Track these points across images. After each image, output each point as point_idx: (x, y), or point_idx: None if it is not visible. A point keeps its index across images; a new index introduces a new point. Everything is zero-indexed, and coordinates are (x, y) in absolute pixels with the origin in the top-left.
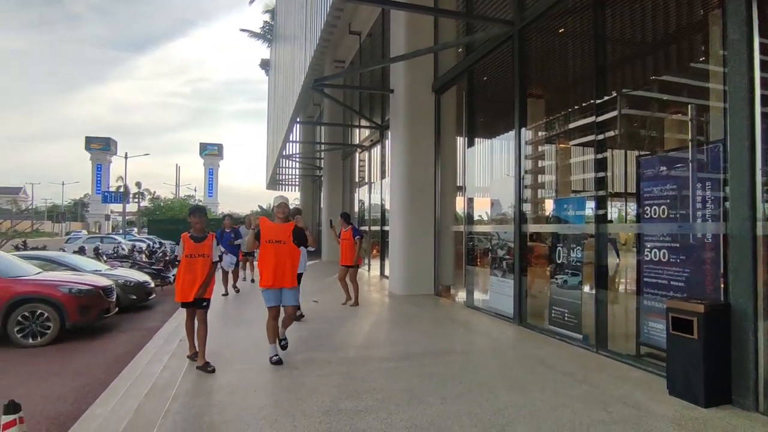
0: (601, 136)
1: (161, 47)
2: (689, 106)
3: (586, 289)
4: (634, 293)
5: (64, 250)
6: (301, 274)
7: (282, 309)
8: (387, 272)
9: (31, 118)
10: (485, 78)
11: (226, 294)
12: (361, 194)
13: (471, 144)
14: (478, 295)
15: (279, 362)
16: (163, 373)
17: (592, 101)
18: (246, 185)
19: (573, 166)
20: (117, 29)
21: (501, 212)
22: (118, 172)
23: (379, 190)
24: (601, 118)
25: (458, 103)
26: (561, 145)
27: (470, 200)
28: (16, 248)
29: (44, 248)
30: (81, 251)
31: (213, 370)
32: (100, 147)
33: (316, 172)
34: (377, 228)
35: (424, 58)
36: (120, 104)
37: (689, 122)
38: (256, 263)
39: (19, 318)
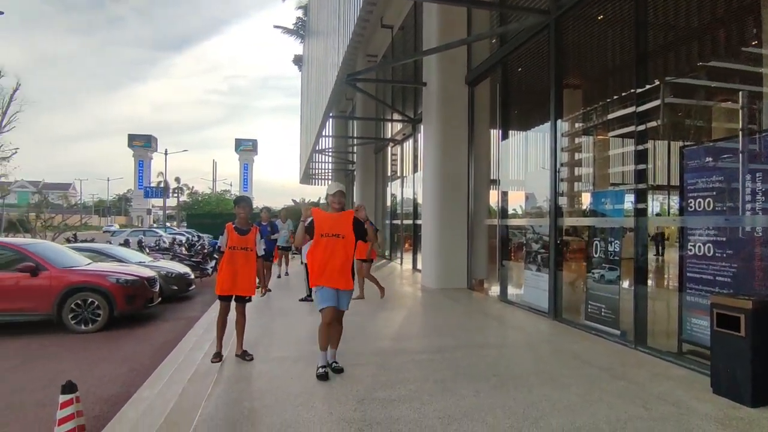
0: (642, 127)
1: (198, 46)
2: (740, 93)
3: (625, 284)
4: (676, 289)
5: (110, 243)
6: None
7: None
8: (419, 266)
9: (78, 118)
10: (519, 69)
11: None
12: (394, 188)
13: (505, 136)
14: (511, 289)
15: (325, 377)
16: (204, 360)
17: (632, 90)
18: (280, 180)
19: (611, 158)
20: (156, 30)
21: (536, 206)
22: (158, 168)
23: (411, 183)
24: (642, 108)
25: (492, 95)
26: (598, 137)
27: (504, 194)
28: (68, 240)
29: (92, 240)
30: (126, 244)
31: (251, 359)
32: (142, 144)
33: (349, 167)
34: (409, 222)
35: (457, 50)
36: (160, 102)
37: (740, 110)
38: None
39: (73, 306)
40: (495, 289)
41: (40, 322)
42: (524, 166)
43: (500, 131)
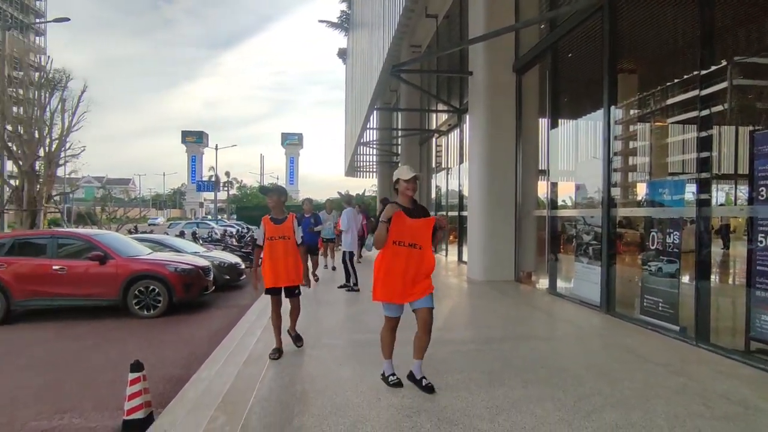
0: (706, 112)
1: (245, 43)
2: None
3: (685, 278)
4: (743, 284)
5: (167, 234)
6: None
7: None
8: (465, 258)
9: (136, 116)
10: (570, 54)
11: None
12: (438, 180)
13: (554, 125)
14: (561, 282)
15: (399, 384)
16: (257, 345)
17: (696, 73)
18: (325, 173)
19: (670, 146)
20: (206, 29)
21: (587, 196)
22: (209, 163)
23: (456, 175)
24: (706, 92)
25: (541, 83)
26: (656, 124)
27: (553, 184)
28: (129, 232)
29: (151, 232)
30: (181, 235)
31: (301, 345)
32: (194, 140)
33: (393, 159)
34: (454, 213)
35: (504, 37)
36: (210, 99)
37: None
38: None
39: (136, 292)
40: (543, 282)
41: (107, 307)
42: (575, 155)
43: (549, 120)
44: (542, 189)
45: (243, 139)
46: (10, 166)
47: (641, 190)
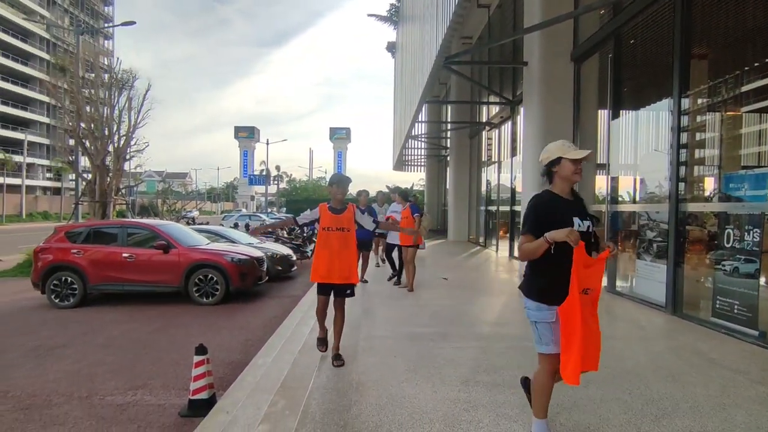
0: None
1: (295, 40)
2: None
3: (765, 279)
4: None
5: (222, 225)
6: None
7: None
8: (516, 253)
9: (193, 113)
10: (633, 41)
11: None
12: (489, 174)
13: (615, 116)
14: (620, 280)
15: None
16: (311, 334)
17: None
18: (372, 167)
19: (746, 136)
20: (258, 28)
21: (651, 191)
22: (261, 157)
23: (508, 168)
24: None
25: (601, 72)
26: (729, 113)
27: (613, 178)
28: (187, 224)
29: (207, 224)
30: (236, 227)
31: (341, 365)
32: (246, 135)
33: (442, 152)
34: (506, 208)
35: (562, 25)
36: (261, 95)
37: None
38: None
39: (196, 280)
40: None
41: (171, 294)
42: (637, 147)
43: (610, 111)
44: (601, 183)
45: (292, 134)
46: (84, 161)
47: (712, 185)
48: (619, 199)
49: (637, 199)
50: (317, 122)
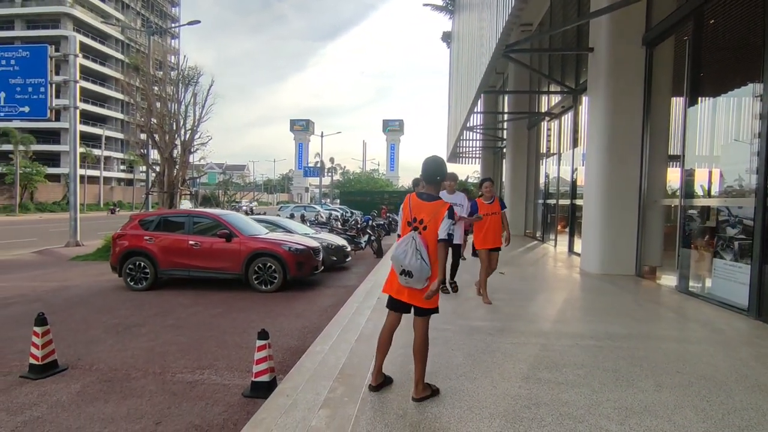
0: None
1: (349, 33)
2: None
3: None
4: None
5: (279, 216)
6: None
7: None
8: (576, 248)
9: (251, 107)
10: (713, 21)
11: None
12: (548, 166)
13: (692, 103)
14: (694, 280)
15: None
16: (367, 324)
17: None
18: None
19: None
20: (313, 22)
21: (731, 184)
22: (315, 149)
23: (569, 160)
24: None
25: (676, 56)
26: None
27: (689, 170)
28: (246, 213)
29: (264, 214)
30: (292, 217)
31: (427, 396)
32: (301, 128)
33: (498, 144)
34: (565, 202)
35: (633, 7)
36: (316, 88)
37: None
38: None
39: (255, 268)
40: (670, 278)
41: (232, 280)
42: (716, 137)
43: (686, 98)
44: (673, 175)
45: (346, 126)
46: (154, 154)
47: None
48: (696, 192)
49: (714, 193)
50: (370, 114)
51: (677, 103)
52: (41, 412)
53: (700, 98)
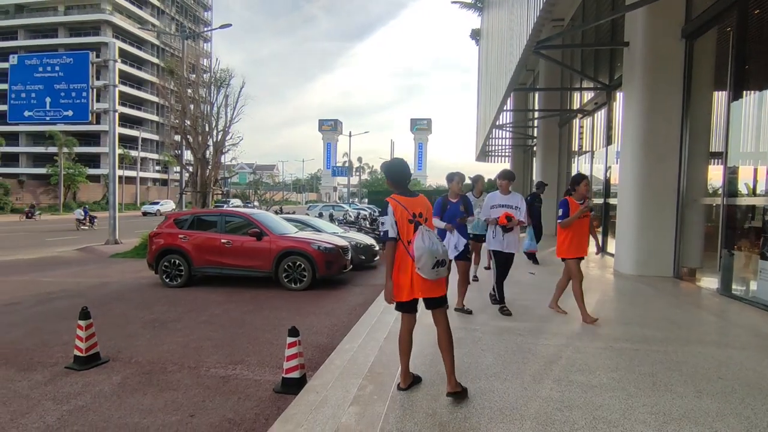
0: None
1: (377, 33)
2: None
3: None
4: None
5: (308, 215)
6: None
7: None
8: (610, 249)
9: (280, 108)
10: (757, 11)
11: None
12: (580, 164)
13: (736, 97)
14: (738, 283)
15: None
16: (395, 323)
17: None
18: (454, 158)
19: None
20: (341, 22)
21: None
22: (343, 149)
23: (602, 158)
24: None
25: (718, 49)
26: None
27: (732, 168)
28: (275, 213)
29: (293, 213)
30: (320, 216)
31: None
32: (329, 128)
33: (528, 142)
34: (599, 201)
35: None
36: (345, 88)
37: None
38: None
39: (285, 267)
40: (711, 281)
41: (262, 278)
42: (765, 133)
43: (729, 92)
44: (715, 173)
45: (374, 126)
46: (187, 155)
47: None
48: (740, 191)
49: (761, 191)
50: (398, 113)
51: (719, 97)
52: (85, 402)
53: (744, 92)
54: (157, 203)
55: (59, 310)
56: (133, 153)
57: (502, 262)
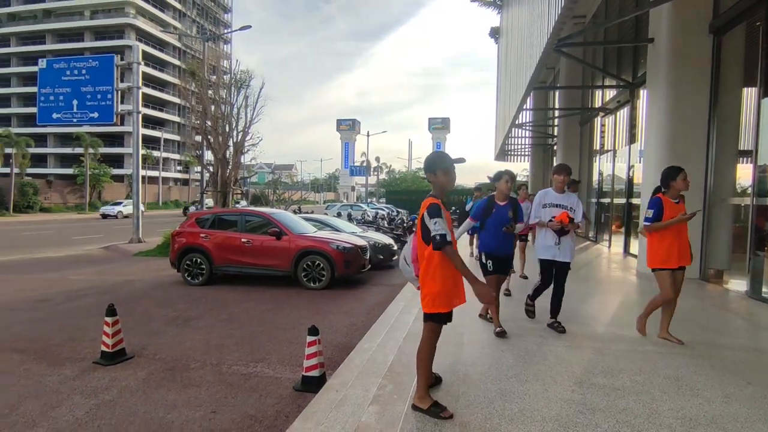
0: None
1: (395, 32)
2: None
3: None
4: None
5: (326, 214)
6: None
7: None
8: (632, 250)
9: (299, 108)
10: None
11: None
12: (601, 163)
13: (767, 93)
14: None
15: None
16: (415, 323)
17: None
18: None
19: None
20: (359, 23)
21: None
22: (361, 149)
23: (625, 157)
24: None
25: (747, 43)
26: None
27: (762, 166)
28: (294, 212)
29: (311, 212)
30: (338, 216)
31: (450, 416)
32: (347, 128)
33: (548, 141)
34: (621, 200)
35: None
36: (363, 88)
37: None
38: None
39: (304, 266)
40: (739, 283)
41: (281, 277)
42: None
43: (760, 89)
44: (743, 172)
45: (392, 125)
46: (208, 155)
47: None
48: None
49: None
50: (416, 113)
51: (749, 94)
52: (112, 396)
53: None
54: (120, 203)
55: (86, 307)
56: (156, 153)
57: (554, 272)
